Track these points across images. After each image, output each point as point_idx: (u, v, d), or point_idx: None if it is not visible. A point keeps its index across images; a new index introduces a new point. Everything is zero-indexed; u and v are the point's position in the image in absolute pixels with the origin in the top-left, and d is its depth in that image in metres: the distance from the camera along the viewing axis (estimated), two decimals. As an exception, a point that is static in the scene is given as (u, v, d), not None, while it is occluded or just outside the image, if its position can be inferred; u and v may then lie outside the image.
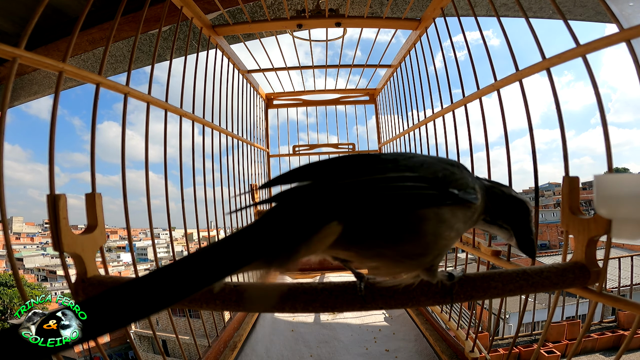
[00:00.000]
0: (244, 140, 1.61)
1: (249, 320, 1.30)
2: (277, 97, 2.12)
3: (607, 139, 0.52)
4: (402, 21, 1.25)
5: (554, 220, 22.05)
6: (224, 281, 0.39)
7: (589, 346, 2.52)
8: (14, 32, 1.29)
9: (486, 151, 0.85)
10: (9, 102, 0.48)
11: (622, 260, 3.20)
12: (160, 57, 1.56)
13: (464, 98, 0.93)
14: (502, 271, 0.50)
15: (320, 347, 1.16)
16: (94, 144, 0.61)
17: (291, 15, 1.27)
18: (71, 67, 0.55)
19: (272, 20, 1.27)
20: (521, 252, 0.54)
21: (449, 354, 1.02)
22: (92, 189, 0.58)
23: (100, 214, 0.57)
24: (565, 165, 0.58)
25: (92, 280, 0.53)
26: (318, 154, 2.13)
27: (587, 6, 1.49)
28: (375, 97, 2.14)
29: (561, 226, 0.56)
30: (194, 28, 1.07)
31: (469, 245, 0.97)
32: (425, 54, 1.24)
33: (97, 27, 1.25)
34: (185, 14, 0.96)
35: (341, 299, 0.48)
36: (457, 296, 0.49)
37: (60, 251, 0.51)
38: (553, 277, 0.50)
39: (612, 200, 0.45)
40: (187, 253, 0.86)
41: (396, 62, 1.57)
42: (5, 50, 0.45)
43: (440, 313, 1.18)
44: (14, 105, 2.04)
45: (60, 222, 0.51)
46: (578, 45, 0.54)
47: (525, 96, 0.70)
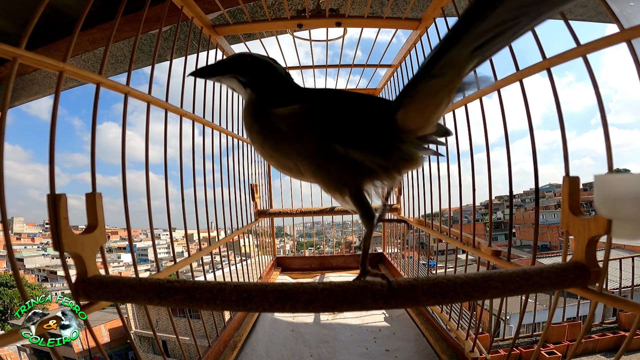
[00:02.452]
0: (244, 140, 1.61)
1: (249, 320, 1.30)
2: (277, 98, 2.11)
3: (607, 139, 0.52)
4: (402, 21, 1.25)
5: (554, 222, 22.03)
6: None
7: (589, 347, 2.52)
8: (14, 32, 1.30)
9: (486, 152, 0.85)
10: (9, 102, 0.48)
11: (623, 262, 3.19)
12: (161, 57, 1.56)
13: (464, 98, 0.93)
14: (502, 271, 0.50)
15: (320, 347, 1.16)
16: (94, 144, 0.61)
17: (291, 15, 1.27)
18: (71, 67, 0.55)
19: (272, 20, 1.27)
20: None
21: (449, 354, 1.02)
22: (92, 188, 0.58)
23: (101, 214, 0.57)
24: (566, 165, 0.58)
25: (92, 280, 0.53)
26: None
27: (588, 6, 1.49)
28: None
29: (561, 226, 0.56)
30: (194, 28, 1.07)
31: (469, 245, 0.97)
32: (425, 54, 1.24)
33: (97, 27, 1.26)
34: (185, 14, 0.96)
35: (341, 298, 0.47)
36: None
37: (61, 251, 0.51)
38: (553, 277, 0.50)
39: (612, 200, 0.45)
40: (188, 254, 0.90)
41: (396, 62, 1.57)
42: (5, 50, 0.46)
43: (440, 313, 1.18)
44: (14, 105, 2.04)
45: (61, 222, 0.51)
46: (578, 45, 0.54)
47: (525, 96, 0.70)
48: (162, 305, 0.52)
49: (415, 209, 1.48)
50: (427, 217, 1.39)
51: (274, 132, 0.58)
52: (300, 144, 0.56)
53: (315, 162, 0.56)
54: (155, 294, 0.50)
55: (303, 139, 0.56)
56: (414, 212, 1.50)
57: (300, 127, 0.56)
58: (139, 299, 0.51)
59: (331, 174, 0.55)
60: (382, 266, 1.96)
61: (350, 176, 0.55)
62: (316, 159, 0.56)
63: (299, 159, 0.57)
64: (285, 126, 0.57)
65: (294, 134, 0.56)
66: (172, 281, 0.52)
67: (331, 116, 0.55)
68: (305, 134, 0.56)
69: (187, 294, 0.50)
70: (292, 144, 0.57)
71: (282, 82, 0.66)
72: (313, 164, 0.56)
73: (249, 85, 0.66)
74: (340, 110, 0.56)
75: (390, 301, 0.47)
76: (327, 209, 1.92)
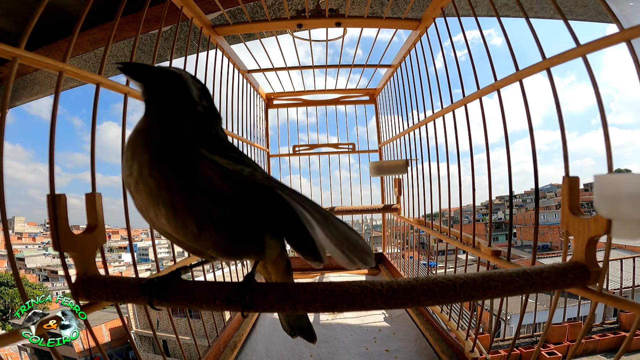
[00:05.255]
0: (244, 140, 1.61)
1: (249, 320, 1.30)
2: (277, 97, 2.12)
3: (607, 139, 0.52)
4: (402, 21, 1.25)
5: (555, 222, 22.00)
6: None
7: (590, 347, 2.51)
8: (15, 31, 1.30)
9: (486, 152, 0.84)
10: (10, 102, 0.48)
11: (624, 262, 3.19)
12: (161, 57, 1.56)
13: (464, 98, 0.93)
14: (502, 271, 0.50)
15: (320, 347, 1.16)
16: (94, 144, 0.62)
17: (291, 15, 1.27)
18: (71, 67, 0.55)
19: (272, 20, 1.27)
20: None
21: (449, 354, 1.02)
22: (92, 189, 0.58)
23: (101, 214, 0.57)
24: (566, 165, 0.58)
25: (92, 280, 0.53)
26: (318, 153, 2.13)
27: (588, 6, 1.48)
28: (376, 97, 2.14)
29: (561, 226, 0.56)
30: (194, 28, 1.07)
31: (469, 245, 0.97)
32: (425, 54, 1.24)
33: (98, 27, 1.26)
34: (185, 14, 0.96)
35: (341, 299, 0.47)
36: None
37: (60, 251, 0.52)
38: (553, 277, 0.50)
39: (612, 200, 0.45)
40: (188, 254, 0.88)
41: (396, 62, 1.57)
42: (5, 50, 0.46)
43: (440, 313, 1.18)
44: (15, 105, 2.04)
45: (60, 222, 0.51)
46: (578, 45, 0.54)
47: (525, 96, 0.70)
48: (162, 305, 0.52)
49: (415, 209, 1.48)
50: (427, 217, 1.39)
51: (195, 185, 0.44)
52: (223, 213, 0.45)
53: (227, 235, 0.47)
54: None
55: (230, 209, 0.46)
56: (414, 212, 1.50)
57: (239, 197, 0.46)
58: (138, 299, 0.51)
59: (237, 248, 0.49)
60: (382, 266, 1.96)
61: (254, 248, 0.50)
62: (231, 234, 0.47)
63: (208, 226, 0.45)
64: (221, 186, 0.45)
65: (224, 200, 0.45)
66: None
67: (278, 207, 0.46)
68: (237, 206, 0.46)
69: (187, 294, 0.50)
70: (213, 208, 0.45)
71: (208, 119, 0.51)
72: (224, 234, 0.47)
73: (163, 104, 0.48)
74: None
75: (390, 301, 0.47)
76: (327, 209, 1.92)
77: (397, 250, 1.90)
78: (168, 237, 0.50)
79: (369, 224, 2.61)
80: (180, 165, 0.44)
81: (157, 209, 0.45)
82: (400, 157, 1.71)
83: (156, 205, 0.45)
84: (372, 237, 2.61)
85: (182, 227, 0.45)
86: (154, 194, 0.44)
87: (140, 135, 0.46)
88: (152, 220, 0.47)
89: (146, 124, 0.47)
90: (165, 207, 0.44)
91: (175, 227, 0.46)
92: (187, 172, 0.44)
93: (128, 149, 0.46)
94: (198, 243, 0.47)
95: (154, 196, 0.44)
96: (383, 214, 2.07)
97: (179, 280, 0.52)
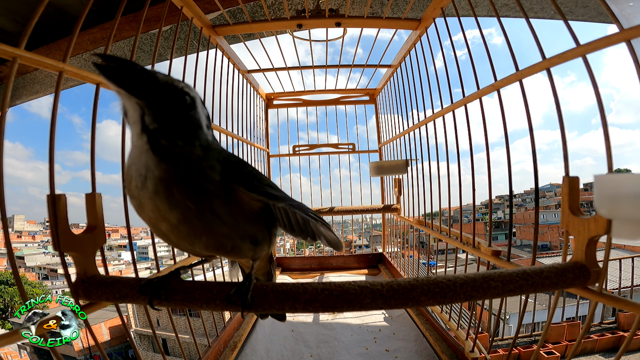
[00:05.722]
0: (244, 140, 1.61)
1: (249, 320, 1.30)
2: (277, 97, 2.12)
3: (607, 139, 0.52)
4: (402, 21, 1.25)
5: (555, 222, 22.02)
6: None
7: (588, 347, 2.52)
8: (15, 31, 1.30)
9: (486, 152, 0.85)
10: (10, 101, 0.48)
11: (623, 262, 3.19)
12: (161, 56, 1.56)
13: (464, 98, 0.93)
14: (502, 271, 0.50)
15: (320, 347, 1.16)
16: (94, 144, 0.62)
17: (291, 15, 1.27)
18: (71, 67, 0.55)
19: (272, 20, 1.27)
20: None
21: (449, 354, 1.02)
22: (92, 188, 0.58)
23: (100, 214, 0.57)
24: (566, 165, 0.58)
25: (92, 280, 0.53)
26: (318, 154, 2.13)
27: (589, 6, 1.48)
28: (376, 97, 2.14)
29: (561, 226, 0.56)
30: (194, 28, 1.07)
31: (469, 245, 0.97)
32: (425, 54, 1.23)
33: (98, 26, 1.26)
34: (185, 14, 0.96)
35: (341, 299, 0.48)
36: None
37: (60, 251, 0.51)
38: (553, 277, 0.50)
39: (612, 200, 0.45)
40: (188, 254, 0.89)
41: (396, 62, 1.56)
42: (5, 50, 0.46)
43: (440, 313, 1.18)
44: (15, 104, 2.04)
45: (60, 223, 0.51)
46: (578, 45, 0.54)
47: (525, 96, 0.70)
48: (162, 305, 0.52)
49: (415, 208, 1.48)
50: (427, 217, 1.39)
51: (228, 211, 0.48)
52: (251, 229, 0.52)
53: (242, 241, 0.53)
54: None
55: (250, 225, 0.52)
56: (414, 212, 1.50)
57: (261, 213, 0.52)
58: (138, 300, 0.51)
59: (243, 249, 0.54)
60: (382, 266, 1.96)
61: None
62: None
63: (237, 240, 0.51)
64: (247, 208, 0.50)
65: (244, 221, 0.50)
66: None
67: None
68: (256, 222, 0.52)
69: (187, 294, 0.50)
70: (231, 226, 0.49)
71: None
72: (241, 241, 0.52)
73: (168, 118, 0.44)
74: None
75: (390, 301, 0.48)
76: (327, 209, 1.92)
77: (397, 249, 1.90)
78: (168, 241, 0.51)
79: (369, 223, 2.61)
80: (199, 184, 0.45)
81: (177, 230, 0.47)
82: (400, 157, 1.71)
83: (176, 227, 0.47)
84: (372, 237, 2.61)
85: (194, 238, 0.48)
86: (181, 220, 0.46)
87: (145, 147, 0.44)
88: (160, 230, 0.49)
89: (165, 167, 0.44)
90: (187, 226, 0.47)
91: (186, 239, 0.49)
92: (219, 202, 0.47)
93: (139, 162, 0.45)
94: (208, 250, 0.51)
95: (182, 221, 0.46)
96: (383, 214, 2.07)
97: (179, 280, 0.52)
